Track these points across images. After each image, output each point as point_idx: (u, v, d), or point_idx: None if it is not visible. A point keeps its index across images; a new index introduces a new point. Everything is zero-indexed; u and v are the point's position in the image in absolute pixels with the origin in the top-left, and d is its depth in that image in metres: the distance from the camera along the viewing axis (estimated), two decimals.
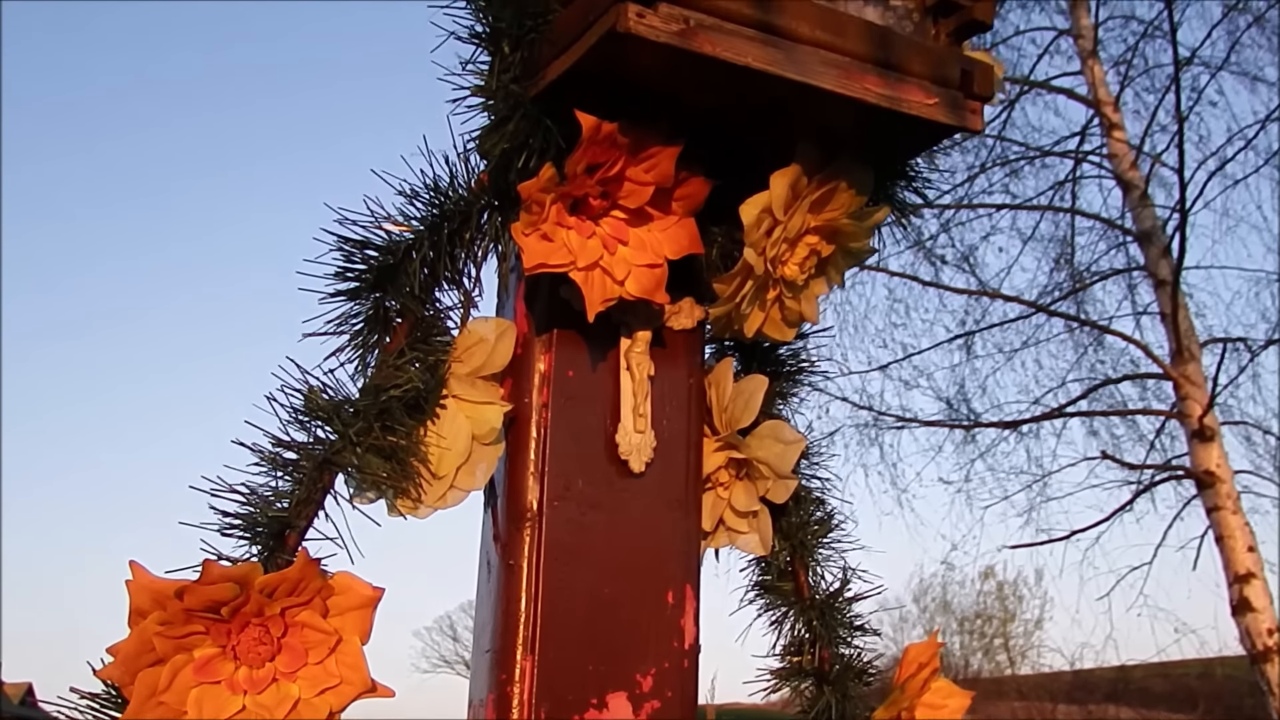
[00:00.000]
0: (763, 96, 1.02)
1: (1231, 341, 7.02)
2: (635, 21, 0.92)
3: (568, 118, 1.03)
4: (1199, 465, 6.72)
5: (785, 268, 1.13)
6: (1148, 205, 6.77)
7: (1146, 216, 6.82)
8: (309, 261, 1.09)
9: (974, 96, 1.05)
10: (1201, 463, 6.74)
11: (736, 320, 1.15)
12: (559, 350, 1.14)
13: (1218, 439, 6.76)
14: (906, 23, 1.10)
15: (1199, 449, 6.73)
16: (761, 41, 0.97)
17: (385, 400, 1.08)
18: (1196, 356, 6.86)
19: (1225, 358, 6.72)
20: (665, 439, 1.16)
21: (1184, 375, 6.78)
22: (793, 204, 1.10)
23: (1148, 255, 6.88)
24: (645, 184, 1.07)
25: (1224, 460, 6.73)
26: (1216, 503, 6.72)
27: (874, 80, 1.01)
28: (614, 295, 1.08)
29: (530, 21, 1.04)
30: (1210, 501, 6.75)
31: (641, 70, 0.99)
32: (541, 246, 1.06)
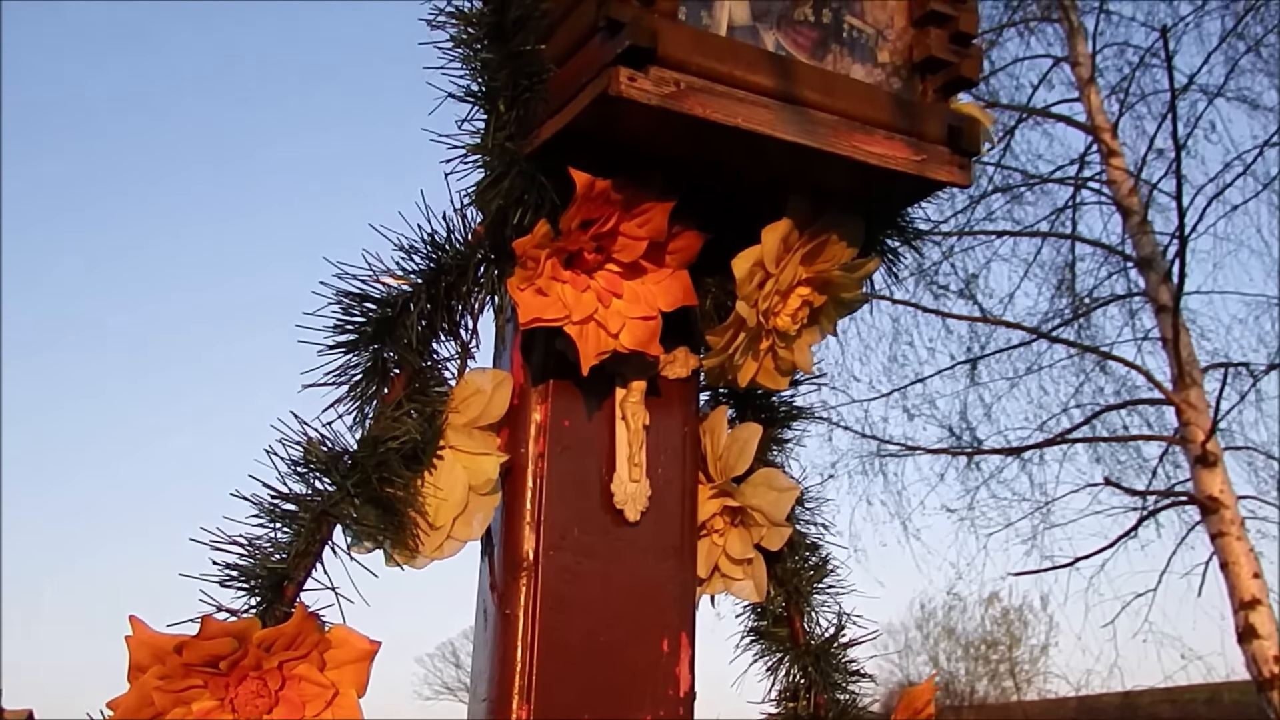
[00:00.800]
0: (754, 154, 1.03)
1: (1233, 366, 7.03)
2: (627, 85, 0.94)
3: (562, 174, 1.05)
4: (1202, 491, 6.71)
5: (778, 319, 1.15)
6: (1147, 231, 6.80)
7: (1146, 242, 6.84)
8: (308, 314, 1.11)
9: (961, 151, 1.07)
10: (1205, 488, 6.73)
11: (730, 371, 1.17)
12: (555, 400, 1.16)
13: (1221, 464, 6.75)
14: (894, 79, 1.12)
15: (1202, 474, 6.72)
16: (751, 103, 0.99)
17: (383, 452, 1.09)
18: (1198, 382, 6.87)
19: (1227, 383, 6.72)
20: (660, 487, 1.18)
21: (1186, 401, 6.78)
22: (784, 257, 1.11)
23: (1148, 281, 6.89)
24: (639, 239, 1.09)
25: (1227, 486, 6.72)
26: (1221, 529, 6.70)
27: (862, 138, 1.03)
28: (608, 348, 1.10)
29: (525, 81, 1.06)
30: (1214, 527, 6.74)
31: (634, 130, 1.01)
32: (536, 301, 1.07)
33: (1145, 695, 11.00)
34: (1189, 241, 6.01)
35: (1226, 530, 6.66)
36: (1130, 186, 6.94)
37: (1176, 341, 6.76)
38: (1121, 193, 7.02)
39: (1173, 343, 6.70)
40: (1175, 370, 6.80)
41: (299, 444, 1.09)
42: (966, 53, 1.11)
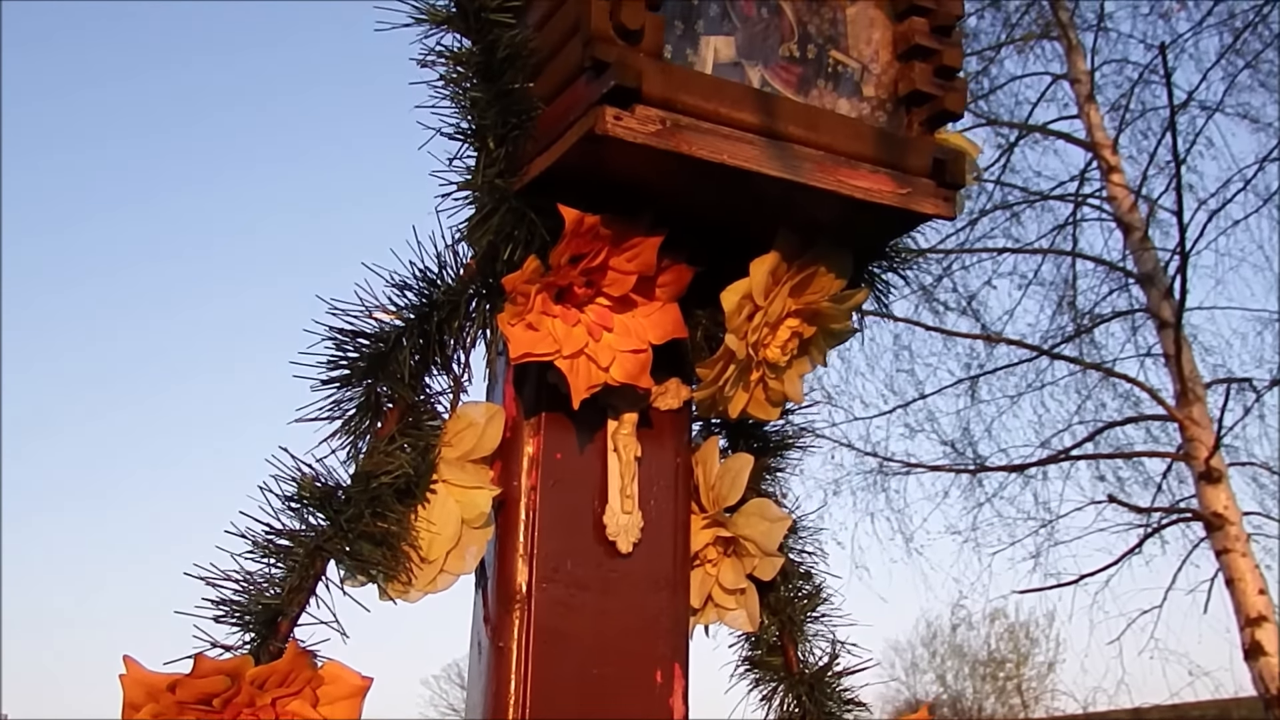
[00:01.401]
0: (741, 189, 1.04)
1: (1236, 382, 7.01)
2: (613, 124, 0.95)
3: (552, 210, 1.06)
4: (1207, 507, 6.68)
5: (767, 350, 1.15)
6: (1148, 247, 6.80)
7: (1147, 259, 6.85)
8: (303, 352, 1.12)
9: (946, 185, 1.08)
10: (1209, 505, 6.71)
11: (721, 402, 1.17)
12: (547, 433, 1.16)
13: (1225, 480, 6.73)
14: (880, 113, 1.13)
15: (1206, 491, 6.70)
16: (737, 139, 1.00)
17: (376, 487, 1.10)
18: (1201, 398, 6.85)
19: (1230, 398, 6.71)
20: (653, 519, 1.18)
21: (1189, 417, 6.77)
22: (773, 289, 1.12)
23: (1150, 297, 6.89)
24: (628, 273, 1.10)
25: (1232, 502, 6.70)
26: (1226, 545, 6.67)
27: (848, 173, 1.04)
28: (599, 382, 1.11)
29: (514, 119, 1.07)
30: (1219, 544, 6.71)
31: (621, 167, 1.02)
32: (527, 336, 1.08)
33: (1153, 712, 10.92)
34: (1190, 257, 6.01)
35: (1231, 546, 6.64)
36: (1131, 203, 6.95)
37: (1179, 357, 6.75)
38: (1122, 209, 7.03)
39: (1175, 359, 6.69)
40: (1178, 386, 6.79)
41: (293, 480, 1.10)
42: (951, 86, 1.12)
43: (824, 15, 1.13)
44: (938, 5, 1.13)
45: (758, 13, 1.09)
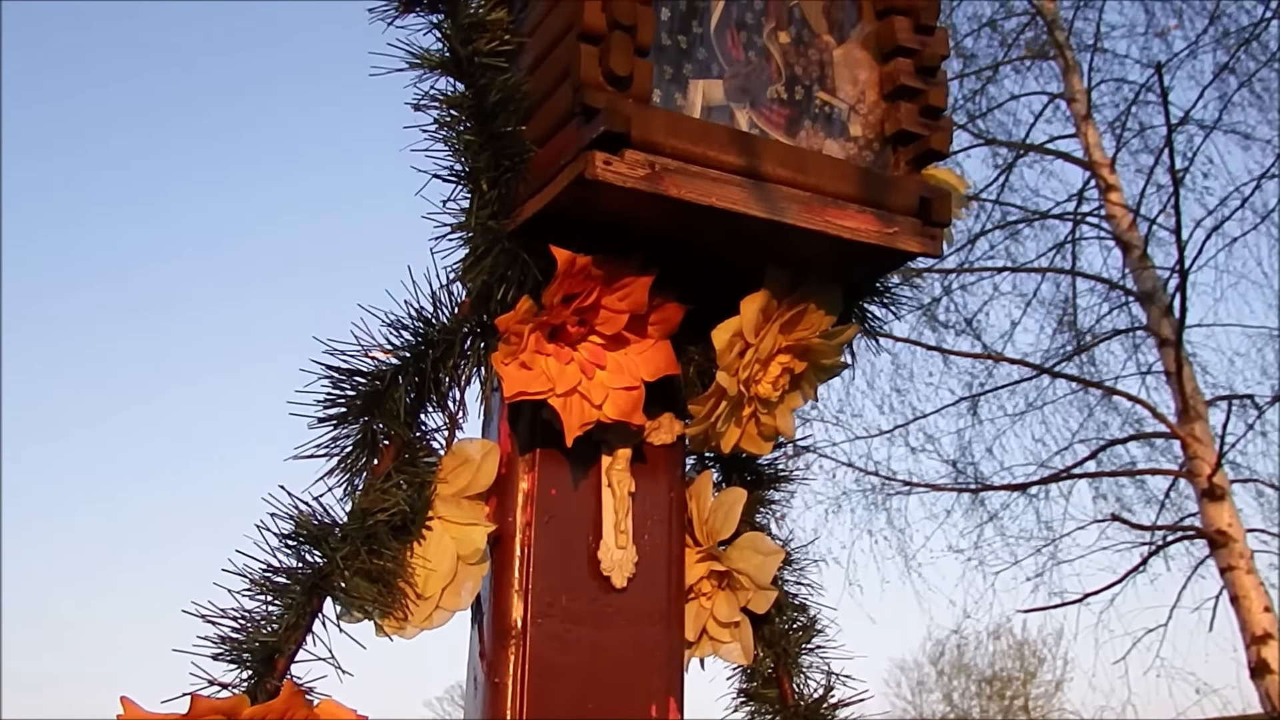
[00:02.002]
0: (729, 230, 1.06)
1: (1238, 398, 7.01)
2: (602, 169, 0.97)
3: (544, 250, 1.08)
4: (1210, 525, 6.67)
5: (759, 386, 1.17)
6: (1148, 266, 6.82)
7: (1147, 277, 6.86)
8: (300, 391, 1.14)
9: (933, 223, 1.10)
10: (1213, 522, 6.70)
11: (713, 438, 1.19)
12: (542, 469, 1.18)
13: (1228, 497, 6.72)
14: (867, 152, 1.15)
15: (1209, 508, 6.69)
16: (725, 181, 1.02)
17: (372, 524, 1.11)
18: (1203, 415, 6.85)
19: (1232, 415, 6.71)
20: (647, 553, 1.19)
21: (1191, 434, 6.77)
22: (763, 326, 1.14)
23: (1149, 315, 6.90)
24: (620, 312, 1.12)
25: (1235, 519, 6.69)
26: (1230, 562, 6.66)
27: (835, 213, 1.06)
28: (592, 419, 1.12)
29: (507, 162, 1.09)
30: (1224, 561, 6.70)
31: (612, 209, 1.04)
32: (521, 375, 1.10)
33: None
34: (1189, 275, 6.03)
35: (1236, 564, 6.62)
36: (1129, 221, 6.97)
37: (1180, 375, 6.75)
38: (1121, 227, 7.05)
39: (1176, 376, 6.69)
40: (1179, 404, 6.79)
41: (290, 517, 1.11)
42: (936, 125, 1.14)
43: (811, 57, 1.15)
44: (923, 46, 1.15)
45: (745, 55, 1.11)
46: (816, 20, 1.16)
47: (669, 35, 1.07)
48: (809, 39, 1.15)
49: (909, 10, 1.16)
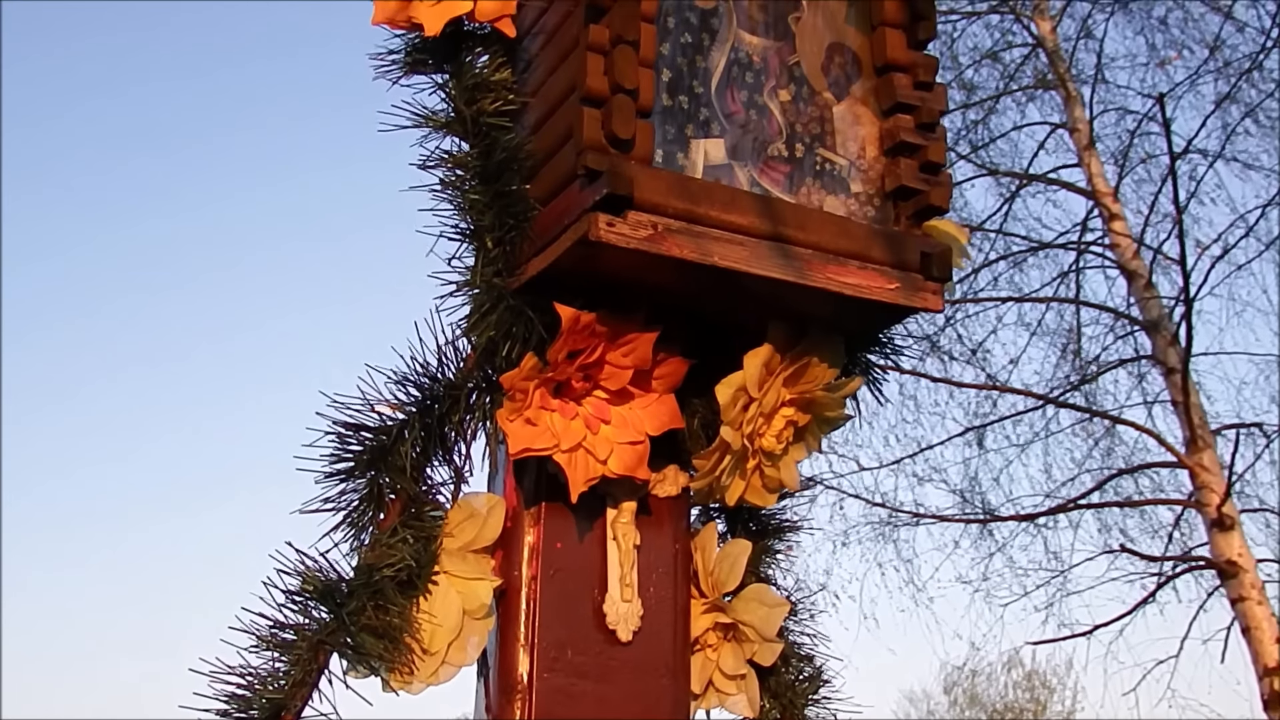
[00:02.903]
0: (732, 287, 1.07)
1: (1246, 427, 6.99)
2: (605, 230, 0.98)
3: (549, 307, 1.09)
4: (1220, 555, 6.63)
5: (763, 440, 1.17)
6: (1152, 295, 6.82)
7: (1152, 306, 6.85)
8: (307, 446, 1.14)
9: (934, 278, 1.11)
10: (1222, 552, 6.65)
11: (718, 491, 1.19)
12: (547, 522, 1.18)
13: (1238, 527, 6.67)
14: (869, 208, 1.16)
15: (1219, 538, 6.65)
16: (727, 240, 1.03)
17: (378, 580, 1.12)
18: (1211, 444, 6.82)
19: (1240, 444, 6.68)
20: (652, 606, 1.19)
21: (1199, 464, 6.73)
22: (767, 380, 1.15)
23: (1155, 344, 6.89)
24: (625, 367, 1.13)
25: (1246, 549, 6.64)
26: (1241, 593, 6.61)
27: (836, 270, 1.07)
28: (597, 474, 1.13)
29: (511, 220, 1.10)
30: (1234, 592, 6.64)
31: (615, 268, 1.05)
32: (526, 431, 1.10)
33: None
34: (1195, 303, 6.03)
35: (1247, 594, 6.57)
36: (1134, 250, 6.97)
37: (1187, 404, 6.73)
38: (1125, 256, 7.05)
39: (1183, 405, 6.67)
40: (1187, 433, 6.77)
41: (296, 574, 1.11)
42: (936, 180, 1.15)
43: (811, 114, 1.16)
44: (922, 102, 1.16)
45: (746, 114, 1.13)
46: (816, 78, 1.18)
47: (670, 96, 1.09)
48: (809, 96, 1.17)
49: (908, 67, 1.18)
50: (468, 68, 1.16)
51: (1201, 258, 6.69)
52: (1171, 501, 6.93)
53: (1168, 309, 6.91)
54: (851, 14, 1.22)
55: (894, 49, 1.18)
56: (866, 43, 1.21)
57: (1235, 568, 6.51)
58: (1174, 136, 6.29)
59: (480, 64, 1.17)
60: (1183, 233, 6.08)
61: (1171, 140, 6.15)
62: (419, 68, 1.18)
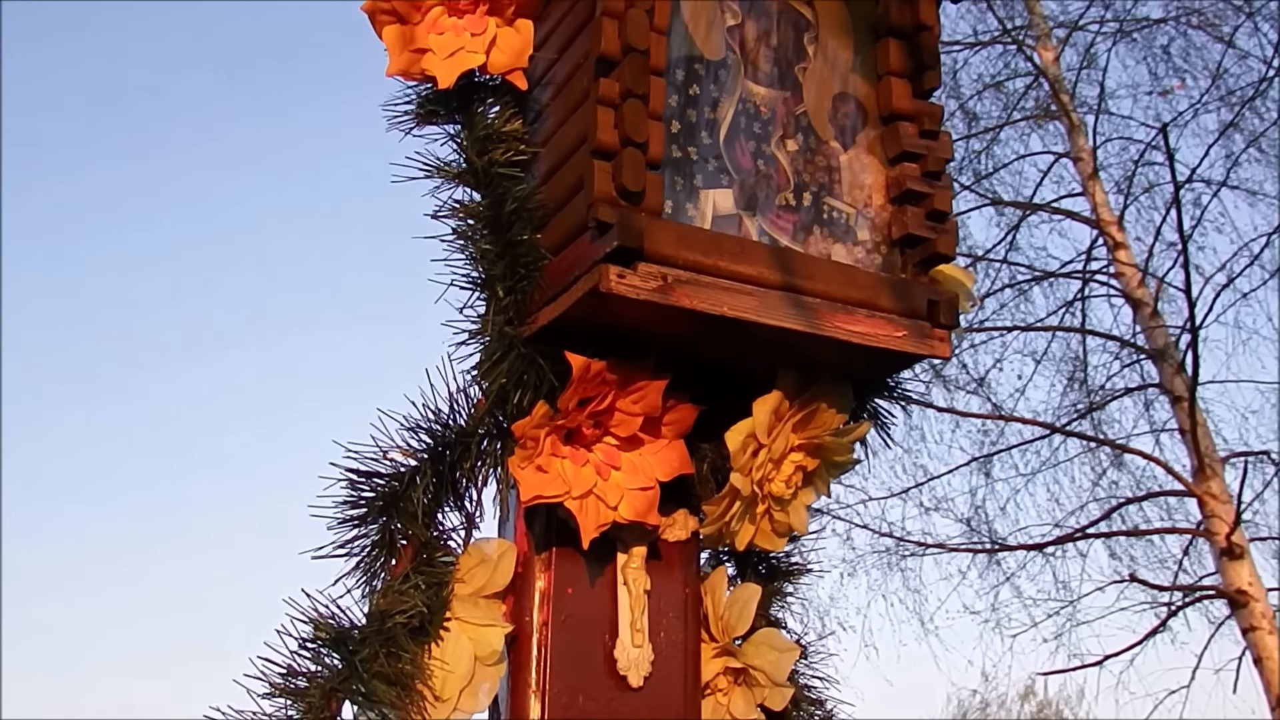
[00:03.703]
0: (741, 336, 1.08)
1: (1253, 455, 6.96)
2: (616, 282, 1.00)
3: (560, 355, 1.10)
4: (1230, 584, 6.59)
5: (772, 485, 1.18)
6: (1158, 324, 6.82)
7: (1158, 335, 6.86)
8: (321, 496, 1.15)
9: (940, 325, 1.12)
10: (1232, 582, 6.62)
11: (727, 536, 1.20)
12: (558, 568, 1.19)
13: (1247, 556, 6.64)
14: (876, 255, 1.17)
15: (1229, 567, 6.62)
16: (736, 291, 1.04)
17: (390, 626, 1.12)
18: (1219, 473, 6.80)
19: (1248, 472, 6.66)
20: (663, 651, 1.20)
21: (1208, 492, 6.71)
22: (776, 426, 1.15)
23: (1162, 372, 6.88)
24: (635, 415, 1.13)
25: (1256, 578, 6.60)
26: (1252, 623, 6.57)
27: (844, 318, 1.08)
28: (607, 521, 1.14)
29: (522, 270, 1.11)
30: (1245, 622, 6.60)
31: (626, 317, 1.06)
32: (537, 478, 1.11)
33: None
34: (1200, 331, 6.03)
35: (1258, 624, 6.53)
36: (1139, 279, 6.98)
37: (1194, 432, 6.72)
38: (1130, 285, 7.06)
39: (1190, 434, 6.66)
40: (1195, 462, 6.75)
41: (308, 621, 1.12)
42: (943, 228, 1.16)
43: (818, 163, 1.18)
44: (928, 151, 1.18)
45: (754, 164, 1.14)
46: (823, 127, 1.19)
47: (679, 147, 1.10)
48: (816, 146, 1.18)
49: (913, 116, 1.19)
50: (479, 119, 1.17)
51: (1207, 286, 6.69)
52: (1180, 530, 6.90)
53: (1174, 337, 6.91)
54: (857, 63, 1.23)
55: (899, 98, 1.20)
56: (872, 92, 1.22)
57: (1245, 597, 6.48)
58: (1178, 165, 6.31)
59: (492, 115, 1.19)
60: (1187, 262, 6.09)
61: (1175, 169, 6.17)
62: (432, 118, 1.20)
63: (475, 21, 1.16)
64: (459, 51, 1.15)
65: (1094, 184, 7.30)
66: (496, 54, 1.16)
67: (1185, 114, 7.25)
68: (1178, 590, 6.61)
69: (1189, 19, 7.47)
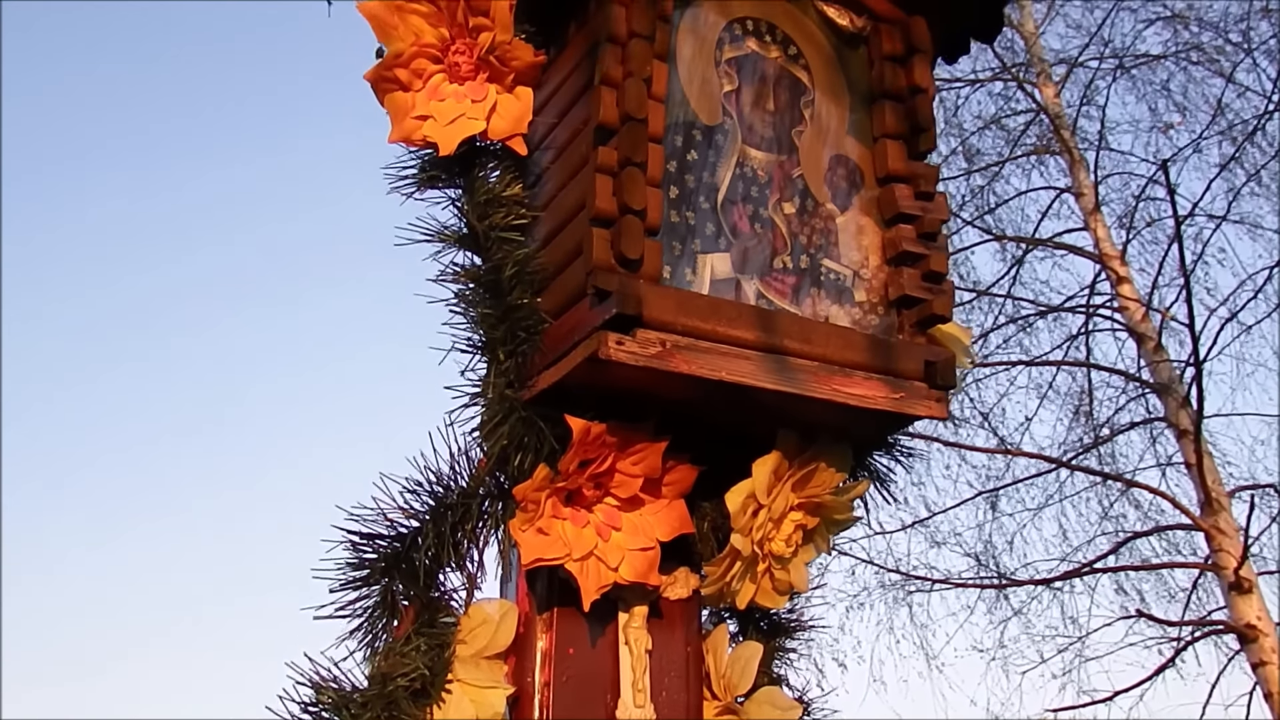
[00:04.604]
0: (740, 399, 1.09)
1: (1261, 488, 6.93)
2: (615, 349, 1.01)
3: (560, 418, 1.11)
4: (1239, 619, 6.54)
5: (772, 544, 1.18)
6: (1163, 359, 6.82)
7: (1162, 369, 6.85)
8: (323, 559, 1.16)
9: (938, 386, 1.12)
10: (1242, 616, 6.57)
11: (728, 595, 1.20)
12: (560, 628, 1.19)
13: (1256, 590, 6.60)
14: (873, 316, 1.18)
15: (1237, 602, 6.57)
16: (734, 355, 1.05)
17: (392, 690, 1.13)
18: (1226, 506, 6.77)
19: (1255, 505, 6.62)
20: (665, 710, 1.19)
21: (1215, 526, 6.68)
22: (775, 486, 1.16)
23: (1167, 406, 6.87)
24: (635, 476, 1.14)
25: (1265, 613, 6.55)
26: (1261, 658, 6.51)
27: (841, 381, 1.09)
28: (609, 582, 1.14)
29: (522, 334, 1.13)
30: (1255, 656, 6.55)
31: (625, 382, 1.07)
32: (538, 541, 1.12)
33: None
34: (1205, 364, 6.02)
35: (1268, 659, 6.48)
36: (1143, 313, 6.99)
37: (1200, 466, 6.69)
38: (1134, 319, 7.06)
39: (1197, 467, 6.63)
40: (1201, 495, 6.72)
41: (310, 684, 1.12)
42: (939, 289, 1.17)
43: (815, 225, 1.19)
44: (923, 213, 1.19)
45: (751, 228, 1.16)
46: (819, 190, 1.21)
47: (678, 212, 1.12)
48: (813, 208, 1.20)
49: (909, 178, 1.21)
50: (480, 183, 1.19)
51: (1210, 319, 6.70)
52: (1188, 565, 6.86)
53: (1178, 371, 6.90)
54: (853, 125, 1.25)
55: (895, 161, 1.21)
56: (868, 154, 1.24)
57: (1255, 631, 6.42)
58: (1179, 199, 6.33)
59: (492, 179, 1.20)
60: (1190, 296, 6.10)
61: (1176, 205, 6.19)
62: (433, 183, 1.21)
63: (476, 88, 1.18)
64: (460, 118, 1.17)
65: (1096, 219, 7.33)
66: (497, 120, 1.18)
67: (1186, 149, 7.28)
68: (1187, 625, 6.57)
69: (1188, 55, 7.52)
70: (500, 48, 1.17)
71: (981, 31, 1.29)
